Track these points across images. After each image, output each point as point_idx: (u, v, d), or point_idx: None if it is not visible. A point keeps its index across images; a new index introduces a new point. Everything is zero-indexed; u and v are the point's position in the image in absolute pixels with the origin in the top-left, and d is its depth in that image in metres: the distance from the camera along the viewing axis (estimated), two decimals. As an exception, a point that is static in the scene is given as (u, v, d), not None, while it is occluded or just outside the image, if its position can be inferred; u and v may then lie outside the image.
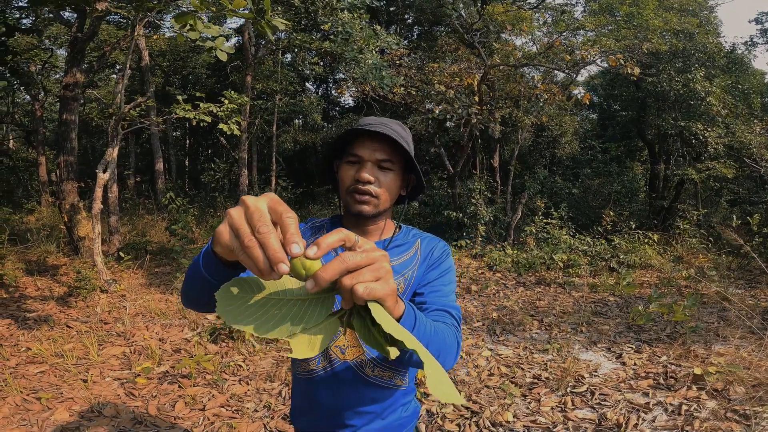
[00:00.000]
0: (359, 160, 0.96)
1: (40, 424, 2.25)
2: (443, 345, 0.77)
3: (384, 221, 1.06)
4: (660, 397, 2.77)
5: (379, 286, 0.49)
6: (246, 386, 2.83)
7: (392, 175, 0.98)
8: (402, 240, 1.06)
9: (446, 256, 1.05)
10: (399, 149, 0.97)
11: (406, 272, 1.01)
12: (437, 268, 1.02)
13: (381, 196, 0.96)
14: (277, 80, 9.14)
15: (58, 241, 6.45)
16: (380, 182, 0.96)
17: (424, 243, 1.06)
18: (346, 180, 0.97)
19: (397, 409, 1.05)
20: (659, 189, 11.10)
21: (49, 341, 3.33)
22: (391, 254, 1.02)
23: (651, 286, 5.65)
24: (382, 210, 0.99)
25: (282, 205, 0.48)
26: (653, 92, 9.03)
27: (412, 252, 1.04)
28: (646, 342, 3.76)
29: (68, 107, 5.40)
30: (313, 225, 1.11)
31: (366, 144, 0.95)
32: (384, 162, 0.95)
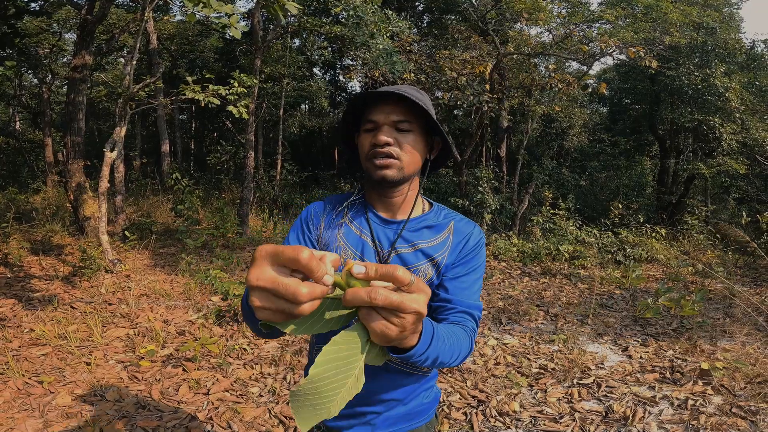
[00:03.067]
0: (375, 125, 0.91)
1: (42, 409, 2.24)
2: (453, 355, 0.78)
3: (410, 189, 0.98)
4: (666, 391, 2.74)
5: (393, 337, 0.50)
6: (251, 370, 2.82)
7: (413, 136, 0.92)
8: (433, 220, 1.00)
9: (481, 246, 1.00)
10: (416, 110, 0.92)
11: (437, 257, 0.96)
12: (470, 260, 0.97)
13: (403, 158, 0.91)
14: (285, 64, 9.05)
15: (64, 220, 6.46)
16: (400, 143, 0.91)
17: (458, 226, 1.00)
18: (365, 147, 0.93)
19: (419, 395, 1.03)
20: (668, 184, 11.00)
21: (53, 322, 3.33)
22: (420, 235, 0.97)
23: (657, 281, 5.60)
24: (407, 174, 0.93)
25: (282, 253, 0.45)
26: (669, 86, 8.89)
27: (444, 235, 0.98)
28: (652, 336, 3.73)
29: (76, 88, 5.41)
30: (333, 204, 1.06)
31: (380, 107, 0.91)
32: (401, 123, 0.90)
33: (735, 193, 11.23)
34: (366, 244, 0.96)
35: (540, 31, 9.01)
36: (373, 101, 0.93)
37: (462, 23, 8.54)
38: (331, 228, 1.01)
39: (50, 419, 2.16)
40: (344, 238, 0.99)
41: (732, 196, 11.38)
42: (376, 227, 0.98)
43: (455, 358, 0.79)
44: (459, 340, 0.81)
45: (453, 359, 0.78)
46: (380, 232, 0.98)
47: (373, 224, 0.98)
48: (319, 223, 1.02)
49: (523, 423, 2.39)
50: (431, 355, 0.68)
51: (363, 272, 0.46)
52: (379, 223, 0.99)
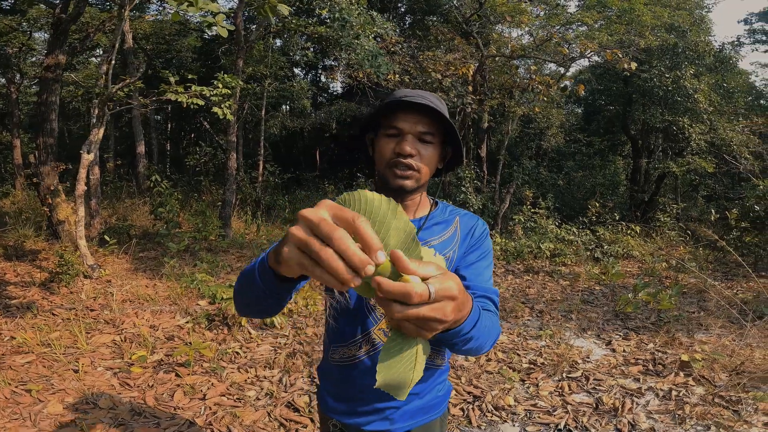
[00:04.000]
0: (399, 133, 0.92)
1: (33, 418, 2.16)
2: (489, 336, 0.77)
3: (421, 196, 1.03)
4: (650, 383, 2.86)
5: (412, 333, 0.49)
6: (245, 374, 2.80)
7: (432, 148, 0.94)
8: (440, 217, 1.04)
9: (486, 235, 1.04)
10: (439, 121, 0.94)
11: (447, 252, 0.99)
12: (478, 248, 1.01)
13: (422, 169, 0.94)
14: (267, 65, 8.94)
15: (36, 225, 6.22)
16: (421, 156, 0.93)
17: (463, 221, 1.04)
18: (385, 154, 0.93)
19: (434, 389, 1.05)
20: (640, 183, 11.39)
21: (34, 329, 3.21)
22: (431, 232, 1.00)
23: (634, 276, 5.82)
24: (422, 184, 0.97)
25: (347, 211, 0.45)
26: (642, 87, 9.21)
27: (451, 230, 1.02)
28: (632, 330, 3.87)
29: (49, 88, 5.24)
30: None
31: (407, 116, 0.92)
32: (425, 135, 0.92)
33: (703, 190, 11.75)
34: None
35: (521, 34, 9.21)
36: (400, 106, 0.93)
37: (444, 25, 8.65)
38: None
39: (43, 428, 2.10)
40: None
41: (701, 193, 11.88)
42: None
43: (490, 342, 0.79)
44: (493, 322, 0.82)
45: (488, 342, 0.78)
46: None
47: None
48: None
49: (518, 417, 2.46)
50: (475, 334, 0.68)
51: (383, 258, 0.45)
52: None
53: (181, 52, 11.41)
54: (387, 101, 0.94)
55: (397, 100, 0.90)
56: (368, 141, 1.02)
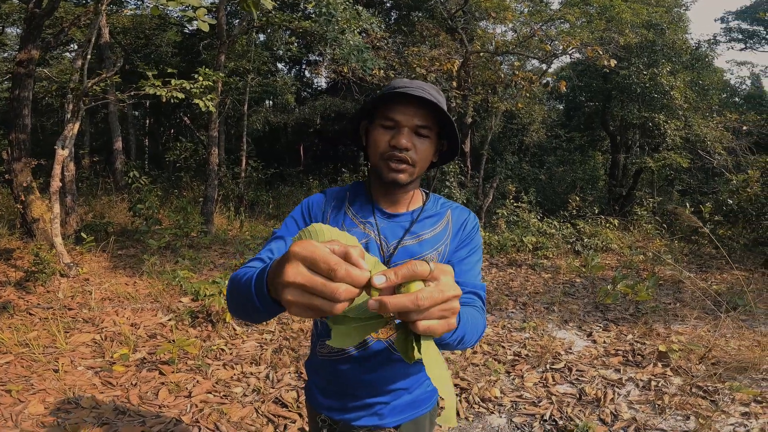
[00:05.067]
0: (396, 125, 0.90)
1: (14, 419, 2.10)
2: (474, 332, 0.79)
3: (414, 189, 1.02)
4: (630, 373, 2.94)
5: (440, 326, 0.49)
6: (231, 371, 2.77)
7: (428, 142, 0.93)
8: (432, 210, 1.03)
9: (476, 230, 1.03)
10: (436, 114, 0.92)
11: (439, 246, 0.98)
12: (469, 244, 1.00)
13: (417, 164, 0.92)
14: (250, 59, 8.80)
15: (9, 223, 6.01)
16: (417, 149, 0.91)
17: (455, 214, 1.04)
18: (380, 145, 0.92)
19: (423, 383, 1.05)
20: (618, 177, 11.66)
21: (11, 329, 3.11)
22: (423, 226, 1.00)
23: (613, 269, 5.96)
24: (416, 178, 0.96)
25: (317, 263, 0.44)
26: (620, 84, 9.40)
27: (443, 224, 1.01)
28: (612, 321, 3.98)
29: (22, 84, 5.09)
30: (334, 197, 1.05)
31: (403, 108, 0.89)
32: (422, 128, 0.90)
33: (679, 185, 12.10)
34: (370, 239, 0.97)
35: (504, 30, 9.30)
36: (397, 97, 0.91)
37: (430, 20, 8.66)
38: (335, 221, 1.00)
39: (26, 429, 2.04)
40: (348, 232, 0.98)
41: (676, 188, 12.23)
42: (381, 221, 0.99)
43: (476, 336, 0.81)
44: (476, 318, 0.83)
45: (475, 337, 0.80)
46: (385, 226, 0.99)
47: (377, 218, 0.99)
48: (320, 214, 1.02)
49: (505, 408, 2.50)
50: (460, 333, 0.69)
51: (385, 282, 0.46)
52: (383, 217, 1.00)
53: (161, 47, 11.12)
54: (385, 91, 0.91)
55: (396, 92, 0.88)
56: (362, 129, 1.00)
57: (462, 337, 0.72)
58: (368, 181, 1.03)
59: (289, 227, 1.00)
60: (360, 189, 1.04)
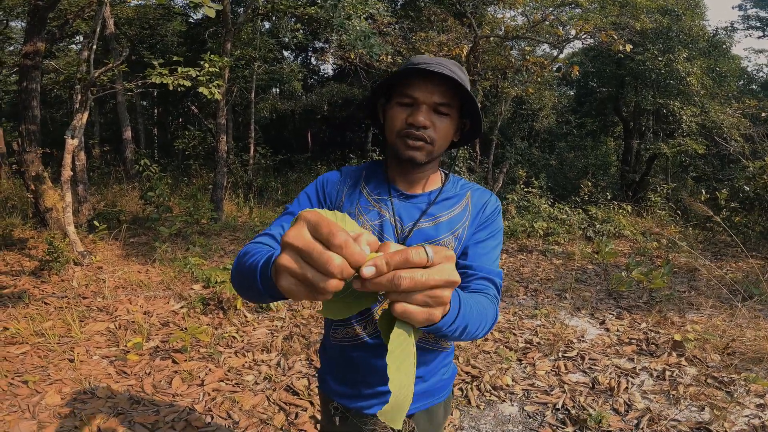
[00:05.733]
0: (414, 102, 0.86)
1: (32, 409, 2.13)
2: (480, 323, 0.73)
3: (433, 169, 0.98)
4: (644, 363, 2.91)
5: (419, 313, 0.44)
6: (243, 358, 2.79)
7: (448, 120, 0.89)
8: (451, 191, 0.98)
9: (498, 213, 0.99)
10: (457, 92, 0.87)
11: (457, 229, 0.94)
12: (488, 227, 0.96)
13: (435, 143, 0.88)
14: (256, 47, 8.74)
15: (23, 213, 6.09)
16: (436, 128, 0.87)
17: (475, 195, 0.99)
18: (396, 123, 0.88)
19: (438, 371, 1.03)
20: (631, 163, 11.49)
21: (27, 319, 3.16)
22: (441, 208, 0.96)
23: (625, 255, 5.89)
24: (434, 157, 0.92)
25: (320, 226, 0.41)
26: (634, 70, 9.22)
27: (462, 205, 0.97)
28: (625, 309, 3.93)
29: (29, 75, 5.12)
30: (350, 175, 1.01)
31: (422, 85, 0.85)
32: (442, 105, 0.86)
33: (693, 172, 11.89)
34: (385, 220, 0.94)
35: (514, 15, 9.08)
36: (415, 74, 0.86)
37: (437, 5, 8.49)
38: (350, 200, 0.97)
39: (43, 420, 2.07)
40: (362, 211, 0.95)
41: (690, 174, 12.03)
42: (396, 202, 0.95)
43: (483, 327, 0.75)
44: (484, 307, 0.77)
45: (481, 328, 0.74)
46: (400, 207, 0.95)
47: (393, 199, 0.96)
48: (334, 193, 0.98)
49: (517, 396, 2.49)
50: (460, 324, 0.64)
51: (374, 272, 0.41)
52: (399, 198, 0.96)
53: (166, 37, 11.09)
54: (403, 67, 0.87)
55: (414, 68, 0.84)
56: (380, 108, 0.96)
57: (464, 327, 0.66)
58: (385, 160, 1.00)
59: (302, 203, 0.98)
60: (377, 168, 1.01)
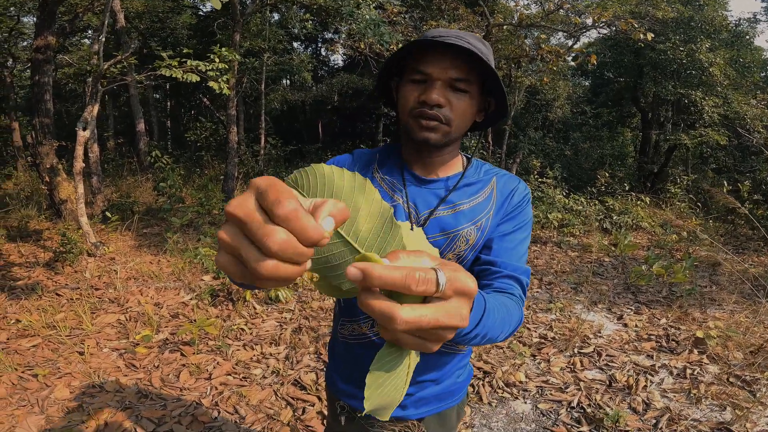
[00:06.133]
0: (427, 79, 0.78)
1: (41, 404, 2.13)
2: (501, 328, 0.65)
3: (451, 152, 0.88)
4: (664, 360, 2.80)
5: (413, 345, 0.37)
6: (251, 351, 2.76)
7: (468, 98, 0.79)
8: (473, 177, 0.89)
9: (527, 203, 0.89)
10: (477, 66, 0.78)
11: (479, 219, 0.85)
12: (515, 218, 0.86)
13: (452, 122, 0.79)
14: (265, 38, 8.69)
15: (39, 204, 6.17)
16: (452, 106, 0.79)
17: (501, 182, 0.89)
18: (408, 101, 0.80)
19: (453, 374, 0.96)
20: (650, 154, 11.23)
21: (39, 311, 3.18)
22: (461, 195, 0.87)
23: (643, 248, 5.72)
24: (452, 139, 0.83)
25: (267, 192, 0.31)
26: (654, 60, 8.98)
27: (486, 193, 0.87)
28: (644, 303, 3.80)
29: (41, 69, 5.17)
30: (362, 158, 0.93)
31: (436, 59, 0.76)
32: (459, 81, 0.77)
33: (713, 163, 11.58)
34: (398, 207, 0.86)
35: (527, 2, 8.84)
36: (428, 49, 0.78)
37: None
38: None
39: (51, 414, 2.07)
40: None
41: (710, 166, 11.71)
42: (411, 187, 0.87)
43: (504, 333, 0.68)
44: (509, 311, 0.70)
45: (502, 334, 0.67)
46: (415, 193, 0.87)
47: (407, 183, 0.87)
48: None
49: (530, 393, 2.42)
50: (480, 332, 0.59)
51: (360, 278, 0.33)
52: (414, 183, 0.88)
53: (176, 30, 11.12)
54: (415, 40, 0.78)
55: (427, 40, 0.75)
56: (393, 86, 0.88)
57: (483, 335, 0.60)
58: (402, 142, 0.92)
59: None
60: (392, 151, 0.93)
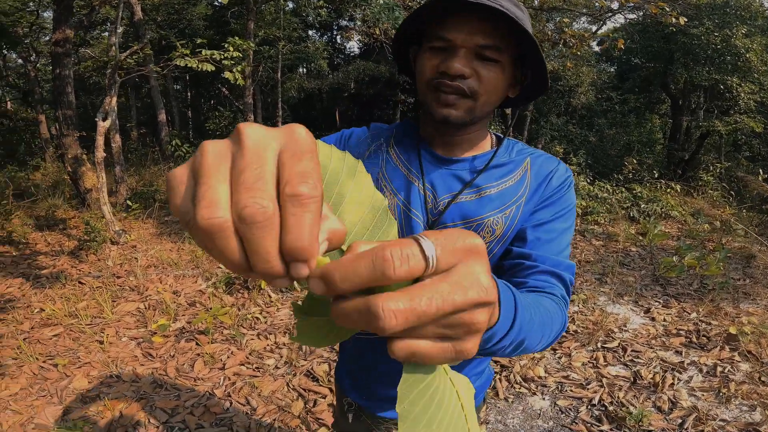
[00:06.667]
0: (449, 46, 0.66)
1: (60, 394, 2.17)
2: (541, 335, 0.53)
3: (479, 131, 0.77)
4: (693, 357, 2.66)
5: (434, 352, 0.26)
6: (265, 341, 2.76)
7: (498, 69, 0.67)
8: (504, 157, 0.77)
9: (568, 187, 0.76)
10: (510, 32, 0.66)
11: (509, 205, 0.73)
12: (554, 204, 0.74)
13: (479, 97, 0.67)
14: (280, 27, 8.67)
15: (65, 194, 6.34)
16: (479, 77, 0.66)
17: (536, 163, 0.77)
18: (425, 72, 0.68)
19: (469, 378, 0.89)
20: (680, 141, 10.81)
21: (62, 300, 3.25)
22: (488, 177, 0.75)
23: (673, 238, 5.48)
24: (477, 116, 0.70)
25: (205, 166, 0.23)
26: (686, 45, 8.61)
27: (518, 175, 0.75)
28: (673, 296, 3.63)
29: (61, 62, 5.25)
30: (379, 132, 0.83)
31: (461, 23, 0.64)
32: (487, 49, 0.65)
33: (746, 151, 11.07)
34: (414, 189, 0.75)
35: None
36: (452, 11, 0.65)
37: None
38: (373, 161, 0.79)
39: (69, 405, 2.10)
40: (387, 176, 0.77)
41: (743, 154, 11.19)
42: (429, 167, 0.76)
43: (545, 339, 0.55)
44: (550, 314, 0.57)
45: (542, 340, 0.54)
46: (434, 174, 0.76)
47: (425, 163, 0.77)
48: (359, 149, 0.81)
49: (549, 389, 2.33)
50: (515, 338, 0.45)
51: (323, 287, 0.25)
52: (433, 162, 0.77)
53: (192, 21, 11.22)
54: (424, 3, 0.66)
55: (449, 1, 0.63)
56: (411, 56, 0.77)
57: (519, 342, 0.47)
58: (421, 122, 0.81)
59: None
60: (410, 126, 0.83)
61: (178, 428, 1.96)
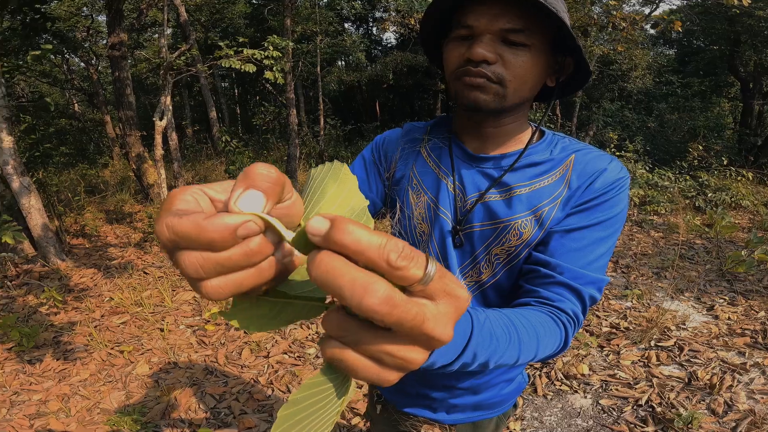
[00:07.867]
0: (472, 33, 0.64)
1: (124, 380, 2.35)
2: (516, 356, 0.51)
3: (514, 123, 0.72)
4: (757, 358, 2.45)
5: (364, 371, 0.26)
6: (307, 330, 2.85)
7: (528, 54, 0.63)
8: (542, 154, 0.70)
9: (617, 191, 0.66)
10: (540, 15, 0.62)
11: (541, 206, 0.67)
12: (592, 210, 0.66)
13: (508, 82, 0.64)
14: (316, 21, 8.83)
15: (131, 189, 6.85)
16: (505, 62, 0.63)
17: (581, 162, 0.68)
18: (452, 62, 0.66)
19: (496, 386, 0.86)
20: (752, 125, 9.91)
21: (129, 289, 3.51)
22: (520, 176, 0.70)
23: (743, 230, 5.02)
24: (509, 104, 0.66)
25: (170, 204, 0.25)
26: (753, 27, 7.85)
27: (556, 175, 0.69)
28: (741, 294, 3.34)
29: (118, 65, 5.59)
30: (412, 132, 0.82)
31: (484, 8, 0.62)
32: (513, 33, 0.62)
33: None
34: (443, 187, 0.74)
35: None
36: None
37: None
38: (406, 161, 0.79)
39: (132, 390, 2.29)
40: (418, 175, 0.77)
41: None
42: (460, 164, 0.74)
43: (528, 357, 0.54)
44: (536, 336, 0.54)
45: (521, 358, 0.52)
46: (464, 172, 0.73)
47: (456, 161, 0.74)
48: (392, 152, 0.81)
49: (592, 387, 2.24)
50: (469, 361, 0.45)
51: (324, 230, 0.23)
52: (464, 159, 0.74)
53: (234, 19, 11.61)
54: None
55: None
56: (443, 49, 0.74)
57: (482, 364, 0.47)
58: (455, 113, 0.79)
59: (356, 167, 0.83)
60: (443, 123, 0.81)
61: (224, 414, 2.10)
